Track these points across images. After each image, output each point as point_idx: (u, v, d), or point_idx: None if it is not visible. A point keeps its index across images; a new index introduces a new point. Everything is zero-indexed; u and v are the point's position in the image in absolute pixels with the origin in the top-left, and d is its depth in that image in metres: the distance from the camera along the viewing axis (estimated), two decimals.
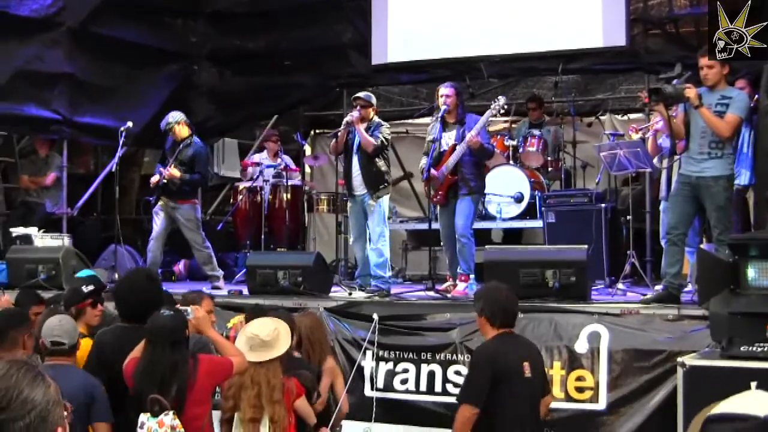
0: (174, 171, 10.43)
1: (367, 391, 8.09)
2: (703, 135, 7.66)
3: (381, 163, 9.57)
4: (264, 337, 5.79)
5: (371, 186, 9.52)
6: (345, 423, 7.46)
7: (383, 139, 9.50)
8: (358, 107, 9.57)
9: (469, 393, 5.84)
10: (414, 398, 7.88)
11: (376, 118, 9.72)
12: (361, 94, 9.77)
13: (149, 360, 5.42)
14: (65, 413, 2.51)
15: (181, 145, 10.61)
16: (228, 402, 5.82)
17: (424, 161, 9.51)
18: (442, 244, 9.81)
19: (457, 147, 9.23)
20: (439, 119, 9.44)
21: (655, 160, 9.54)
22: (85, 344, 6.14)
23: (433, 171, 9.31)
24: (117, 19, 12.37)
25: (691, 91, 7.53)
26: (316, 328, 6.96)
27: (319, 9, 12.77)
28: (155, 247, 10.59)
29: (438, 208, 9.53)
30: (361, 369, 8.09)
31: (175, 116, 10.70)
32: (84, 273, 8.53)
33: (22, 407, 2.38)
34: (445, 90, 9.43)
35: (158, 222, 10.61)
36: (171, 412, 5.15)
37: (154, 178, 10.63)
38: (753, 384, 5.63)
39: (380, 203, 9.51)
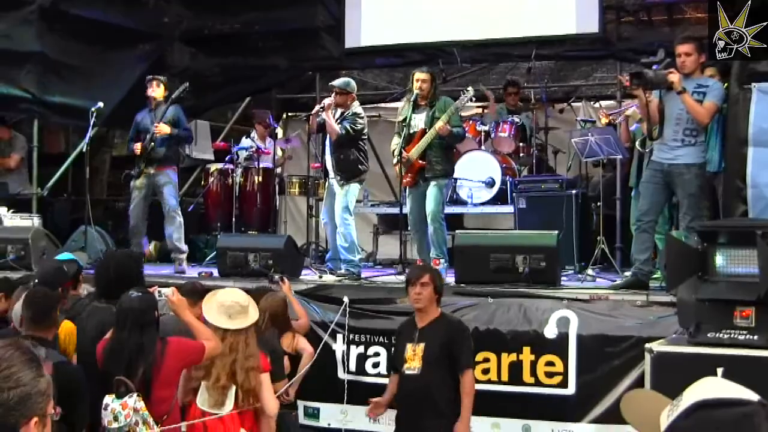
0: (163, 127, 10.18)
1: (340, 374, 8.09)
2: (677, 122, 7.68)
3: (351, 152, 9.57)
4: (243, 302, 5.83)
5: (339, 172, 9.57)
6: (321, 405, 7.48)
7: (349, 129, 9.49)
8: (333, 94, 9.57)
9: (473, 359, 6.74)
10: (386, 382, 7.88)
11: (357, 107, 9.73)
12: (336, 82, 9.78)
13: (116, 341, 5.42)
14: (51, 411, 2.51)
15: (162, 106, 10.38)
16: (199, 371, 5.75)
17: (396, 142, 9.51)
18: (409, 227, 9.76)
19: (427, 131, 9.23)
20: (410, 101, 9.43)
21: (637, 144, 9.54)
22: (66, 326, 6.13)
23: (404, 152, 9.31)
24: None
25: (674, 76, 7.54)
26: (280, 308, 6.95)
27: None
28: (136, 214, 10.37)
29: (407, 190, 9.51)
30: (332, 352, 8.08)
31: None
32: (64, 256, 8.42)
33: (5, 381, 2.39)
34: (420, 75, 9.41)
35: (137, 193, 10.37)
36: (135, 394, 5.13)
37: (138, 146, 10.31)
38: (719, 370, 5.67)
39: (348, 191, 9.52)
